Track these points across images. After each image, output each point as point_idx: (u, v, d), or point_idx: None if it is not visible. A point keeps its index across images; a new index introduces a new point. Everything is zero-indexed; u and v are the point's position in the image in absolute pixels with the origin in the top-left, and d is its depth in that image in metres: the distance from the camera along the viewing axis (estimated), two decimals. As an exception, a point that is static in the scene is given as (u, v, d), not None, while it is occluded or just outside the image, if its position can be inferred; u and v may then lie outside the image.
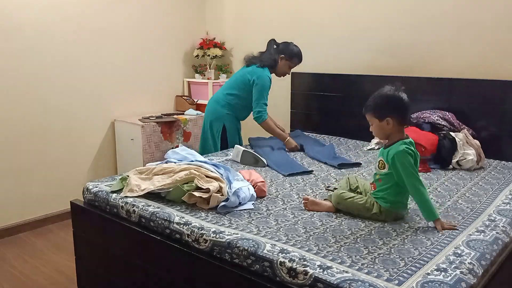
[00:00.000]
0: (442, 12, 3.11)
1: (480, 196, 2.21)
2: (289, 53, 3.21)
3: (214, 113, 3.29)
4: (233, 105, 3.24)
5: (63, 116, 3.51)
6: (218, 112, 3.26)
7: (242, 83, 3.22)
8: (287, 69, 3.28)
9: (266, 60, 3.21)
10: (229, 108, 3.24)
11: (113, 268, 2.18)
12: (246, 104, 3.24)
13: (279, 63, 3.23)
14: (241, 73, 3.27)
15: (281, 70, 3.28)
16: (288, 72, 3.33)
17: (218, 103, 3.28)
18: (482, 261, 1.53)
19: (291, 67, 3.28)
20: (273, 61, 3.22)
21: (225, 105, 3.25)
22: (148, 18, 3.99)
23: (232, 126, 3.29)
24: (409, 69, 3.28)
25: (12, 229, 3.30)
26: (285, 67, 3.26)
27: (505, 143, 2.90)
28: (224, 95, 3.27)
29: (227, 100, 3.25)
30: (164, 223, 1.89)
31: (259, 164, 2.76)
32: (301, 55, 3.25)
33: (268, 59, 3.22)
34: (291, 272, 1.48)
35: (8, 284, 2.63)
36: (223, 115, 3.25)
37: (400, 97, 1.89)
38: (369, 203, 1.91)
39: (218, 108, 3.27)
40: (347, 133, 3.57)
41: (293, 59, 3.23)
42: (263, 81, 3.14)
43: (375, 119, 1.90)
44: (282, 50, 3.23)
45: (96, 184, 2.33)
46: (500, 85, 2.87)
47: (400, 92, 1.90)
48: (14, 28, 3.15)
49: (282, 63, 3.24)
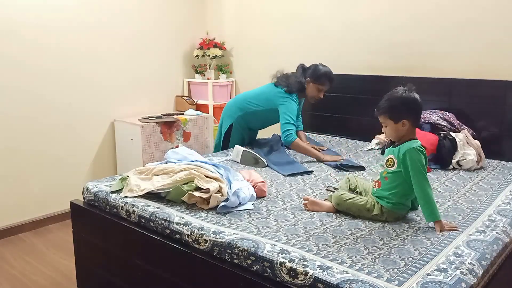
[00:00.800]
0: (442, 12, 3.11)
1: (480, 196, 2.21)
2: (315, 75, 3.03)
3: (230, 110, 3.29)
4: (249, 112, 3.18)
5: (63, 116, 3.50)
6: (233, 111, 3.26)
7: (265, 100, 3.11)
8: (317, 92, 3.06)
9: (293, 85, 3.04)
10: (245, 112, 3.21)
11: (113, 268, 2.18)
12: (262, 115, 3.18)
13: (307, 88, 3.06)
14: (268, 90, 3.14)
15: (311, 94, 3.08)
16: (320, 96, 3.09)
17: (237, 106, 3.26)
18: (482, 262, 1.53)
19: (320, 89, 3.06)
20: (299, 85, 3.04)
21: (243, 108, 3.21)
22: (148, 18, 3.99)
23: (239, 128, 3.27)
24: (409, 69, 3.27)
25: (12, 229, 3.30)
26: (314, 91, 3.06)
27: (505, 143, 2.90)
28: (246, 100, 3.21)
29: (247, 105, 3.19)
30: (164, 223, 1.89)
31: (259, 164, 2.75)
32: (329, 74, 3.04)
33: (294, 83, 3.04)
34: (291, 273, 1.47)
35: (8, 284, 2.63)
36: (236, 116, 3.24)
37: (415, 99, 1.89)
38: (369, 204, 1.91)
39: (233, 108, 3.27)
40: (347, 133, 3.57)
41: (320, 79, 3.03)
42: (290, 104, 3.00)
43: (390, 120, 1.89)
44: (309, 73, 3.06)
45: (96, 184, 2.33)
46: (500, 85, 2.87)
47: (413, 93, 1.90)
48: (14, 28, 3.15)
49: (310, 86, 3.05)
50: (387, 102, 1.91)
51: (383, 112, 1.91)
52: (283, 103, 3.02)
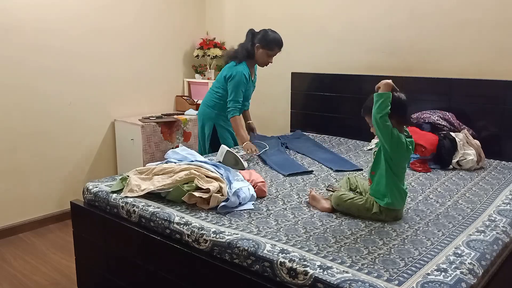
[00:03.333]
0: (442, 12, 3.11)
1: (480, 196, 2.21)
2: (264, 41, 3.04)
3: (205, 114, 3.27)
4: (221, 104, 3.19)
5: (63, 116, 3.51)
6: (208, 114, 3.25)
7: (222, 80, 3.17)
8: (267, 57, 3.09)
9: (240, 53, 3.09)
10: (217, 108, 3.21)
11: (113, 268, 2.18)
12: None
13: (256, 53, 3.09)
14: (222, 71, 3.22)
15: (261, 60, 3.12)
16: (270, 61, 3.13)
17: (207, 105, 3.26)
18: (482, 261, 1.53)
19: (270, 55, 3.09)
20: (247, 52, 3.08)
21: (214, 105, 3.21)
22: (148, 18, 3.99)
23: (223, 126, 3.26)
24: (409, 69, 3.28)
25: (12, 229, 3.30)
26: (264, 56, 3.08)
27: (505, 143, 2.90)
28: (212, 94, 3.24)
29: (214, 99, 3.21)
30: (164, 223, 1.89)
31: (238, 166, 2.65)
32: (278, 40, 3.06)
33: (241, 51, 3.09)
34: (291, 272, 1.48)
35: (8, 284, 2.63)
36: (213, 115, 3.23)
37: (398, 98, 1.89)
38: (368, 203, 1.91)
39: (207, 110, 3.25)
40: (347, 133, 3.57)
41: (270, 45, 3.04)
42: (235, 78, 3.05)
43: None
44: (259, 38, 3.06)
45: (96, 184, 2.33)
46: (500, 85, 2.87)
47: (398, 92, 1.90)
48: (13, 28, 3.15)
49: (259, 52, 3.07)
50: (371, 101, 1.91)
51: (368, 111, 1.91)
52: (230, 80, 3.07)
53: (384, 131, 1.82)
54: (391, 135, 1.81)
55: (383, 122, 1.80)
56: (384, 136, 1.83)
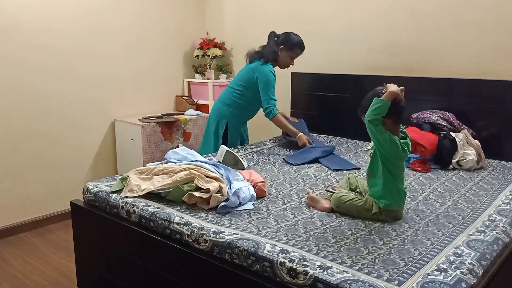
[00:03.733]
0: (442, 12, 3.11)
1: (480, 196, 2.21)
2: (289, 43, 3.16)
3: (220, 112, 3.27)
4: (239, 103, 3.22)
5: (63, 116, 3.51)
6: (224, 112, 3.26)
7: (247, 80, 3.20)
8: (289, 60, 3.22)
9: (267, 55, 3.17)
10: (234, 107, 3.23)
11: (113, 268, 2.18)
12: (251, 103, 3.23)
13: (279, 55, 3.18)
14: (245, 70, 3.25)
15: (283, 62, 3.22)
16: (291, 63, 3.25)
17: (224, 103, 3.27)
18: (482, 261, 1.53)
19: (293, 57, 3.21)
20: (273, 54, 3.17)
21: (231, 103, 3.23)
22: (148, 18, 3.99)
23: (235, 126, 3.28)
24: (409, 69, 3.28)
25: (12, 229, 3.30)
26: (287, 58, 3.20)
27: (505, 143, 2.90)
28: (230, 92, 3.26)
29: (233, 98, 3.23)
30: (164, 223, 1.89)
31: (238, 166, 2.65)
32: (301, 44, 3.19)
33: (269, 53, 3.17)
34: (291, 272, 1.48)
35: (8, 284, 2.63)
36: (228, 114, 3.25)
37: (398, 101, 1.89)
38: (368, 204, 1.91)
39: (223, 108, 3.27)
40: (347, 133, 3.57)
41: (294, 48, 3.17)
42: (266, 77, 3.11)
43: None
44: (282, 41, 3.17)
45: (96, 184, 2.33)
46: (500, 85, 2.87)
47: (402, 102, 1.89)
48: (13, 28, 3.15)
49: (283, 54, 3.18)
50: (366, 102, 1.91)
51: (364, 112, 1.91)
52: (260, 80, 3.11)
53: (374, 133, 1.84)
54: (382, 137, 1.83)
55: (374, 125, 1.82)
56: (375, 138, 1.85)
